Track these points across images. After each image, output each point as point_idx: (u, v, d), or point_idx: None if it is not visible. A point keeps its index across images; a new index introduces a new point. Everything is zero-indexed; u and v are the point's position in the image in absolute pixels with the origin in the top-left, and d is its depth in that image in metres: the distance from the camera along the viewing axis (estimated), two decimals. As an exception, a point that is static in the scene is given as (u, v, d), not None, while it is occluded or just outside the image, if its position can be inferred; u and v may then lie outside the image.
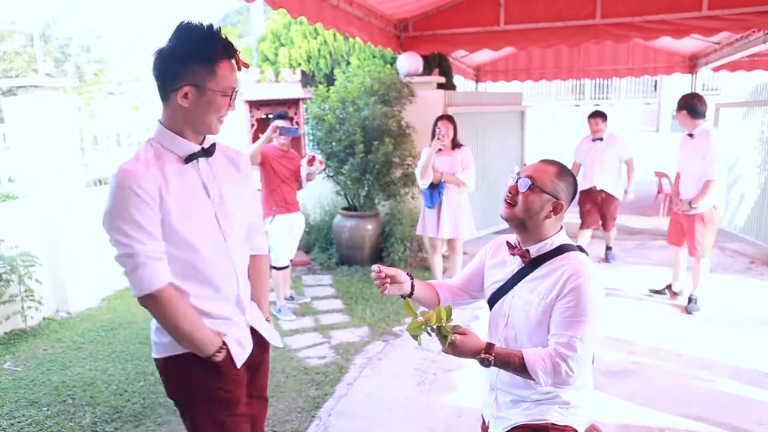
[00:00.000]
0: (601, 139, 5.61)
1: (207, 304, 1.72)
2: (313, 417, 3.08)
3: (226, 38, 1.63)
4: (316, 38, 9.00)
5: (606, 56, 9.76)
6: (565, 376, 1.57)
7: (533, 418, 1.70)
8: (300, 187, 4.66)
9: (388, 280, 1.73)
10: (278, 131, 4.32)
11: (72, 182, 4.90)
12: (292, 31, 9.12)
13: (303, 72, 9.22)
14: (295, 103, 5.83)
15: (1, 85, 4.94)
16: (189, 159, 1.69)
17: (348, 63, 8.70)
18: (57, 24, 19.83)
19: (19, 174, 4.85)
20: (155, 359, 1.80)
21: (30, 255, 4.37)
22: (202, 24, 1.61)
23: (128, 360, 3.82)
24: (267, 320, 1.98)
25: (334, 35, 8.73)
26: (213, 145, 1.75)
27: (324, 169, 5.53)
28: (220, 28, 1.63)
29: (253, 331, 1.88)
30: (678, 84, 12.59)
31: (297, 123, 7.14)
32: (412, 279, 1.80)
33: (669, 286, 4.90)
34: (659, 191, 8.43)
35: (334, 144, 5.79)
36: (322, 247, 6.38)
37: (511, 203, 1.69)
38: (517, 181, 1.69)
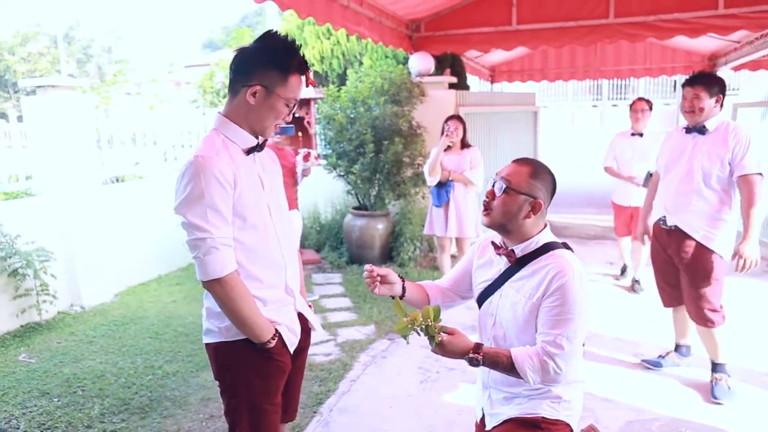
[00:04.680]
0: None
1: (261, 290, 1.78)
2: (315, 413, 3.10)
3: (303, 56, 1.75)
4: (329, 38, 9.05)
5: (623, 56, 9.65)
6: (553, 374, 1.59)
7: (525, 412, 1.72)
8: (296, 183, 4.71)
9: (378, 278, 1.76)
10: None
11: (88, 180, 5.00)
12: (306, 32, 9.19)
13: (316, 72, 9.30)
14: (306, 103, 5.88)
15: (21, 85, 5.08)
16: (249, 151, 1.78)
17: (361, 63, 8.73)
18: (80, 26, 20.25)
19: (36, 171, 4.96)
20: (207, 344, 1.84)
21: (45, 250, 4.47)
22: (287, 36, 1.72)
23: (137, 354, 3.89)
24: (309, 306, 2.05)
25: (347, 35, 8.76)
26: (265, 141, 1.86)
27: (319, 164, 5.58)
28: (300, 45, 1.75)
29: (300, 317, 1.95)
30: (698, 84, 12.35)
31: (308, 123, 7.21)
32: (403, 281, 1.84)
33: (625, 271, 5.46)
34: None
35: (344, 143, 5.82)
36: (333, 245, 6.42)
37: (488, 208, 1.71)
38: (494, 185, 1.70)
